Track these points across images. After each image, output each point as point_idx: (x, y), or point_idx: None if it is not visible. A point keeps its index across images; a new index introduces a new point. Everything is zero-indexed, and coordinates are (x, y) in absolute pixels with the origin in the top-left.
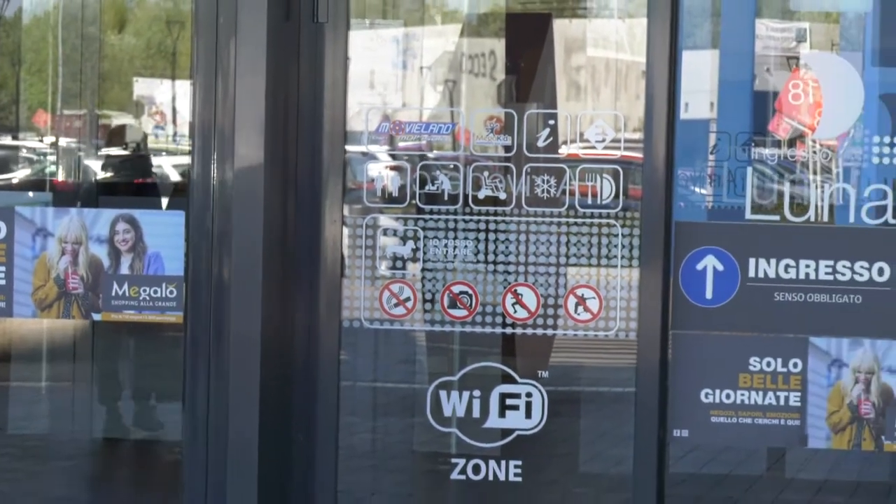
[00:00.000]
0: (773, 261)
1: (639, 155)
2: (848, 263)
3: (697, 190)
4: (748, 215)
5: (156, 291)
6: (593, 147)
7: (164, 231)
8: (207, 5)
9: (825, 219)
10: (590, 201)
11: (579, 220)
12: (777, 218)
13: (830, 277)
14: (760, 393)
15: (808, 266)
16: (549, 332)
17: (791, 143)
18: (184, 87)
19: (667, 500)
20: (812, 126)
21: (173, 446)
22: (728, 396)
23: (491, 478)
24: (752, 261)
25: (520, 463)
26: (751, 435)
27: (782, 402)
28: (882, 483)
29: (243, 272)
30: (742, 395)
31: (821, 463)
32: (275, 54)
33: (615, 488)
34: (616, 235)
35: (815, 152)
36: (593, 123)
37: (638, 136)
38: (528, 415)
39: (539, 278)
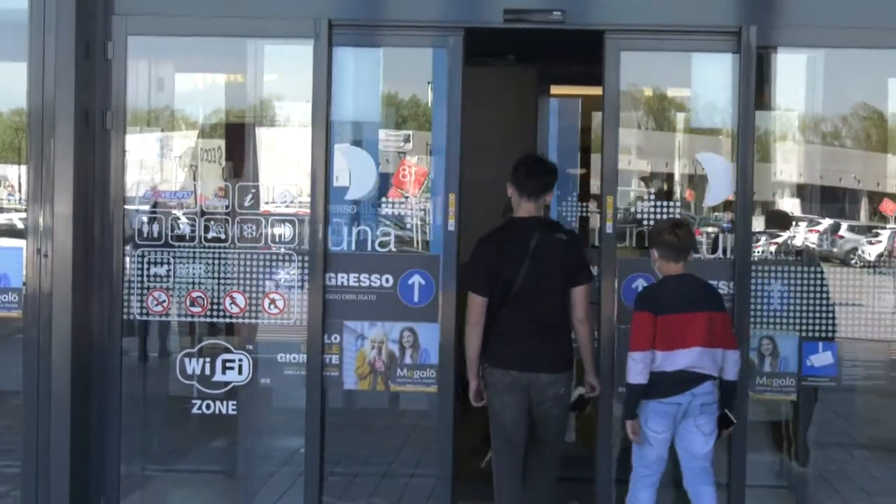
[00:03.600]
0: (344, 276)
1: (308, 210)
2: (367, 275)
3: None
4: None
5: (4, 297)
6: (279, 206)
7: (10, 259)
8: (36, 119)
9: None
10: (278, 240)
11: (272, 252)
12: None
13: (356, 284)
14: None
15: (348, 277)
16: (253, 321)
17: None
18: (24, 169)
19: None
20: (414, 193)
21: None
22: None
23: (217, 412)
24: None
25: (235, 402)
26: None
27: (329, 362)
28: (419, 411)
29: (60, 284)
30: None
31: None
32: (79, 149)
33: (295, 416)
34: (294, 261)
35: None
36: (281, 191)
37: (308, 199)
38: (240, 373)
39: (246, 287)
